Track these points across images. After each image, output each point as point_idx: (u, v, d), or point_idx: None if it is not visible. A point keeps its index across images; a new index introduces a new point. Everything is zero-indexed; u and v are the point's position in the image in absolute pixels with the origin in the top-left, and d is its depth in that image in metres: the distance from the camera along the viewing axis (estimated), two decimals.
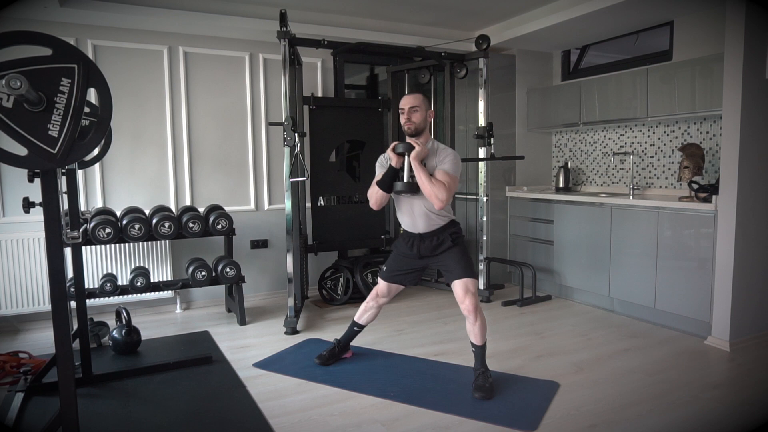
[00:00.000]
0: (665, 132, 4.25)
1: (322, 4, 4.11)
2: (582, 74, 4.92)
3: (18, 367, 2.94)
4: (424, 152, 2.65)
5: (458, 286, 2.71)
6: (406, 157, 2.67)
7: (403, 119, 2.73)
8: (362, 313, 3.09)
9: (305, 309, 4.29)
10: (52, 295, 1.81)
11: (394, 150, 2.69)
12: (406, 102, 2.73)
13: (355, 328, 3.13)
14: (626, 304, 4.02)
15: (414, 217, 2.78)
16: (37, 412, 2.54)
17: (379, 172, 2.80)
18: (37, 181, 1.96)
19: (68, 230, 2.56)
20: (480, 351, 2.74)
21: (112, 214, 3.69)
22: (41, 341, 3.53)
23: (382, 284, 2.99)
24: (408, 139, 2.71)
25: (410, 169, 2.67)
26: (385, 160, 2.80)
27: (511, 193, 5.00)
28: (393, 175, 2.71)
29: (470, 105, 4.87)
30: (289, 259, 3.75)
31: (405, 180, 2.68)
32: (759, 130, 3.26)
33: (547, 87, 5.09)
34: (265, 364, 3.12)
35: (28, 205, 2.50)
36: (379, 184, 2.73)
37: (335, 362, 3.12)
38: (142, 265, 4.03)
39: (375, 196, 2.77)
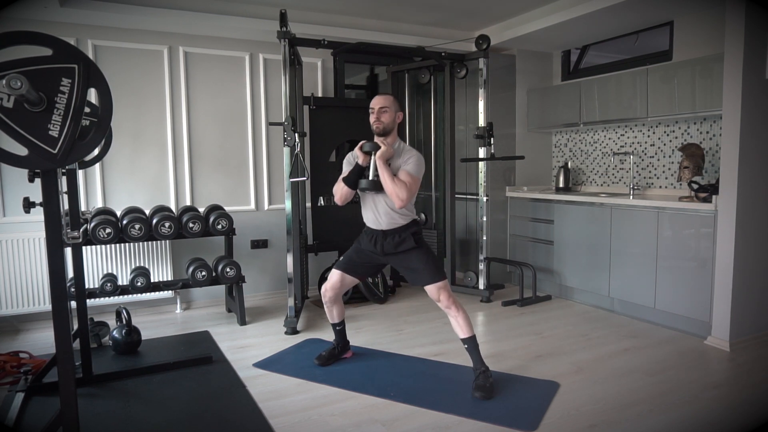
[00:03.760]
0: (665, 132, 4.25)
1: (322, 4, 4.11)
2: (582, 74, 4.92)
3: (18, 367, 2.94)
4: (389, 152, 2.74)
5: (430, 289, 2.80)
6: (372, 155, 2.75)
7: (372, 118, 2.81)
8: (329, 314, 3.11)
9: (305, 309, 4.29)
10: (53, 295, 1.81)
11: (361, 148, 2.77)
12: (377, 102, 2.82)
13: (337, 328, 3.15)
14: (626, 304, 4.02)
15: (377, 214, 2.84)
16: (37, 412, 2.54)
17: (346, 169, 2.88)
18: (38, 181, 1.95)
19: (68, 230, 2.56)
20: (472, 344, 2.76)
21: (113, 214, 3.69)
22: (41, 341, 3.53)
23: (335, 275, 2.98)
24: (376, 139, 2.79)
25: (375, 168, 2.74)
26: (353, 158, 2.87)
27: (511, 193, 5.00)
28: (359, 172, 2.79)
29: (470, 105, 4.86)
30: (289, 259, 3.75)
31: (370, 178, 2.75)
32: (759, 130, 3.26)
33: (547, 87, 5.09)
34: (265, 364, 3.12)
35: (28, 205, 2.50)
36: (345, 180, 2.81)
37: (335, 362, 3.13)
38: (142, 265, 4.03)
39: (340, 191, 2.84)
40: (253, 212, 4.55)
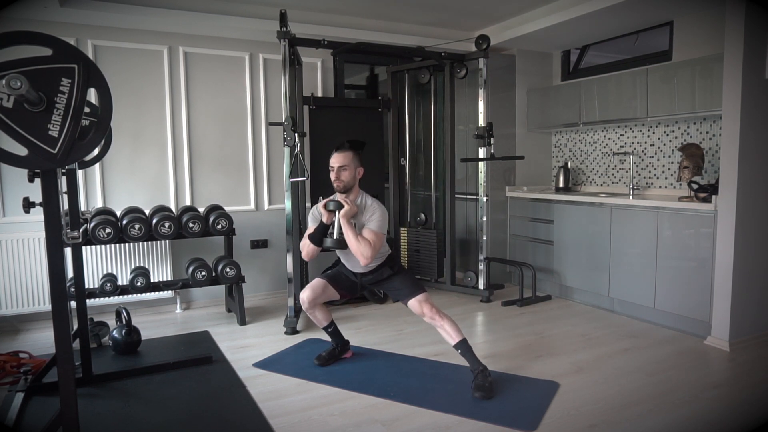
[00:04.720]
0: (665, 132, 4.25)
1: (322, 4, 4.11)
2: (582, 74, 4.92)
3: (18, 367, 2.94)
4: (352, 211, 2.78)
5: (412, 304, 2.84)
6: (336, 214, 2.77)
7: (332, 176, 2.85)
8: (315, 320, 3.09)
9: None
10: (52, 295, 1.81)
11: (325, 207, 2.80)
12: (336, 161, 2.85)
13: (329, 330, 3.16)
14: (626, 304, 4.02)
15: (352, 261, 2.93)
16: (37, 412, 2.54)
17: (311, 225, 2.91)
18: (37, 181, 1.96)
19: (68, 230, 2.56)
20: (465, 348, 2.76)
21: (112, 214, 3.69)
22: (41, 341, 3.53)
23: (318, 282, 2.98)
24: (338, 196, 2.82)
25: (340, 227, 2.77)
26: (318, 213, 2.89)
27: (511, 193, 5.00)
28: (323, 230, 2.83)
29: (470, 105, 4.87)
30: (289, 259, 3.76)
31: (335, 236, 2.79)
32: (759, 130, 3.26)
33: (547, 87, 5.09)
34: (265, 364, 3.12)
35: (28, 205, 2.51)
36: (311, 238, 2.85)
37: (335, 362, 3.13)
38: (142, 265, 4.03)
39: (306, 248, 2.88)
40: (253, 212, 4.55)
